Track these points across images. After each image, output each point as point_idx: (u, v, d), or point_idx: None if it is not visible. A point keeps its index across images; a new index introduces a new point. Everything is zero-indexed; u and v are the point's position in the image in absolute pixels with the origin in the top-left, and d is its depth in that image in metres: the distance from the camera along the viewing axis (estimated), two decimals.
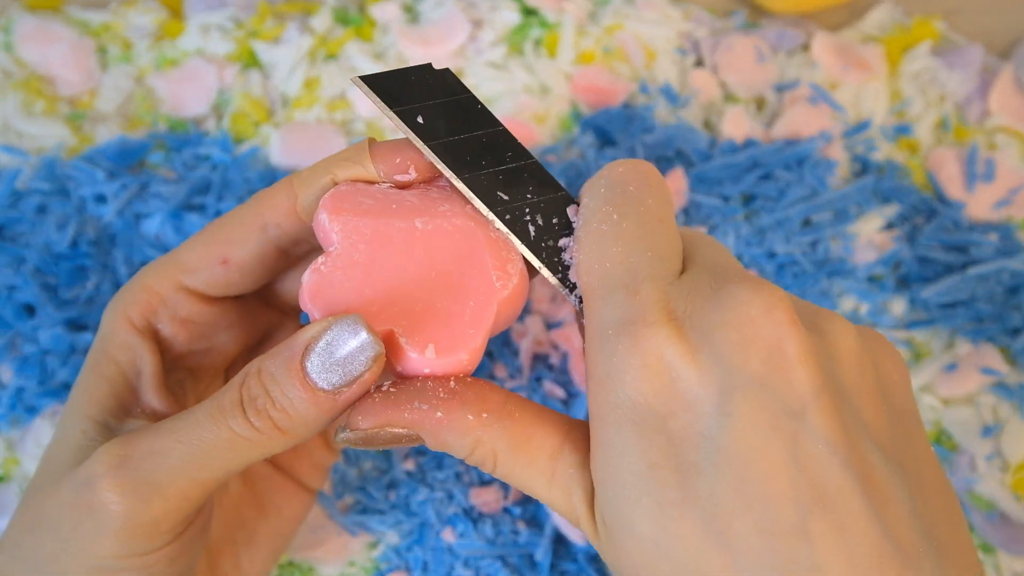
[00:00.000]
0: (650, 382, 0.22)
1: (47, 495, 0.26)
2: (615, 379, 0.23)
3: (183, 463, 0.24)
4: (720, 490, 0.21)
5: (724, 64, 0.48)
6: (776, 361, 0.22)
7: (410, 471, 0.40)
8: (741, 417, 0.22)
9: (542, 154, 0.46)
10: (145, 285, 0.28)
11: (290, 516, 0.32)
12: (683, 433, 0.22)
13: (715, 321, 0.23)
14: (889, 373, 0.25)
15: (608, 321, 0.24)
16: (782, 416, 0.22)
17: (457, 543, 0.38)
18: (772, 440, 0.21)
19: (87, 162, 0.43)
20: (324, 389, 0.24)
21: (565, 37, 0.48)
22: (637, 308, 0.23)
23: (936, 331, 0.44)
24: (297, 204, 0.27)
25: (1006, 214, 0.46)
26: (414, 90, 0.27)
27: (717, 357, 0.22)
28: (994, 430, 0.42)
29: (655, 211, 0.25)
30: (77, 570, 0.25)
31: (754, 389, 0.22)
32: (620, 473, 0.23)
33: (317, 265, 0.25)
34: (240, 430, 0.24)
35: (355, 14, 0.48)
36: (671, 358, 0.22)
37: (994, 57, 0.49)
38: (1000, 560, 0.40)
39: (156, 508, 0.24)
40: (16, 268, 0.41)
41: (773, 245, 0.43)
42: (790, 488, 0.21)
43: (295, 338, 0.24)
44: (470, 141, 0.26)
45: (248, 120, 0.46)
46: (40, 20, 0.46)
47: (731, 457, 0.21)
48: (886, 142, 0.47)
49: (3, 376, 0.40)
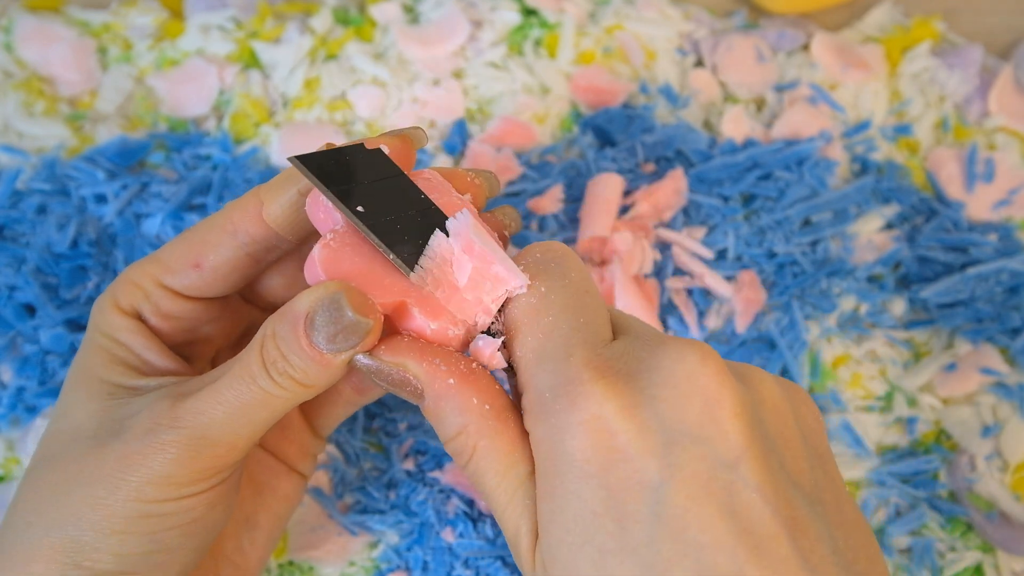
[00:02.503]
0: (588, 438, 0.23)
1: (79, 457, 0.27)
2: (555, 439, 0.24)
3: (228, 420, 0.26)
4: (659, 539, 0.22)
5: (724, 64, 0.48)
6: (712, 414, 0.23)
7: (410, 471, 0.40)
8: (681, 469, 0.23)
9: (542, 154, 0.46)
10: (129, 279, 0.30)
11: (285, 497, 0.34)
12: (623, 485, 0.23)
13: (652, 378, 0.24)
14: (806, 419, 0.26)
15: (544, 387, 0.25)
16: (719, 468, 0.23)
17: (457, 543, 0.38)
18: (709, 491, 0.23)
19: (87, 162, 0.43)
20: (331, 353, 0.25)
21: (565, 37, 0.48)
22: (572, 371, 0.24)
23: (936, 331, 0.44)
24: (264, 211, 0.29)
25: (1006, 214, 0.46)
26: (350, 169, 0.27)
27: (655, 411, 0.23)
28: (994, 430, 0.42)
29: (579, 283, 0.26)
30: (117, 518, 0.26)
31: (692, 442, 0.23)
32: (563, 520, 0.24)
33: (327, 240, 0.26)
34: (270, 389, 0.26)
35: (355, 14, 0.48)
36: (608, 414, 0.23)
37: (994, 57, 0.49)
38: (1000, 560, 0.40)
39: (207, 457, 0.27)
40: (17, 268, 0.41)
41: (773, 245, 0.44)
42: (726, 536, 0.22)
43: (295, 304, 0.25)
44: (405, 220, 0.27)
45: (248, 120, 0.46)
46: (40, 20, 0.46)
47: (671, 507, 0.22)
48: (886, 142, 0.47)
49: (3, 376, 0.40)
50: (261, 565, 0.33)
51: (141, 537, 0.27)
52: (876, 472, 0.41)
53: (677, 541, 0.22)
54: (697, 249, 0.43)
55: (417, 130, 0.29)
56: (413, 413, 0.41)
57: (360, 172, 0.27)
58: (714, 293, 0.43)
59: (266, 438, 0.34)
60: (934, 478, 0.42)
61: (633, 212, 0.43)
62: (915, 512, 0.40)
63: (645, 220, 0.43)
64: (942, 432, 0.42)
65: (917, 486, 0.41)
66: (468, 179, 0.30)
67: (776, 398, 0.25)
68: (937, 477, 0.42)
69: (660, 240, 0.44)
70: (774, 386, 0.25)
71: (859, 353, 0.43)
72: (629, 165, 0.45)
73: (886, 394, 0.43)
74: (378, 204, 0.27)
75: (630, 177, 0.45)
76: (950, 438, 0.42)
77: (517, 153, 0.46)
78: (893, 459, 0.42)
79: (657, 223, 0.44)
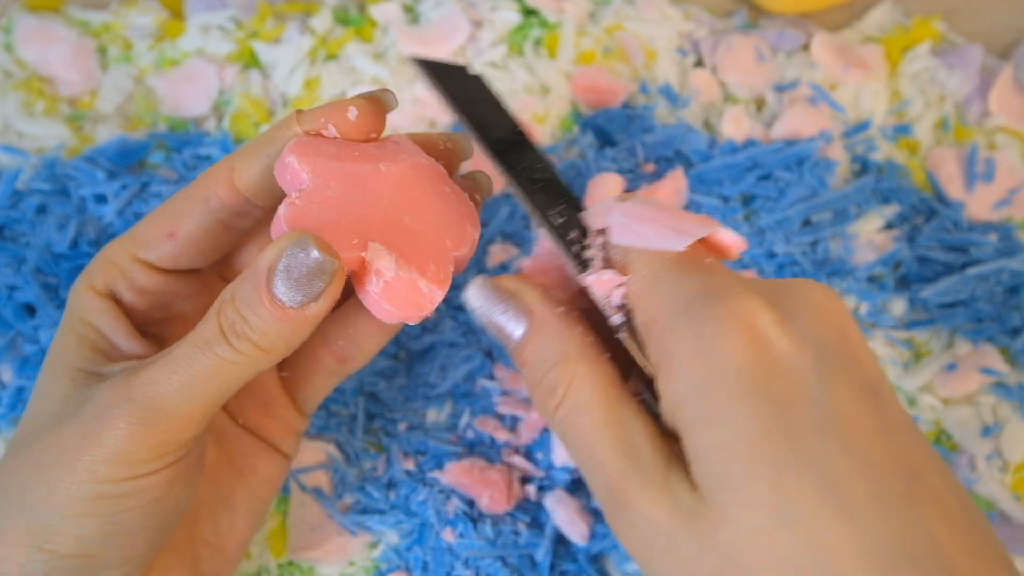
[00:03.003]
0: (748, 348, 0.23)
1: (41, 441, 0.27)
2: (710, 349, 0.23)
3: (181, 390, 0.26)
4: (831, 453, 0.22)
5: (724, 64, 0.48)
6: (848, 341, 0.24)
7: (410, 471, 0.40)
8: (838, 384, 0.23)
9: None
10: (104, 258, 0.30)
11: (266, 478, 0.33)
12: (788, 398, 0.22)
13: (792, 301, 0.24)
14: None
15: (691, 294, 0.24)
16: (867, 389, 0.23)
17: (457, 543, 0.38)
18: (865, 409, 0.23)
19: (87, 162, 0.43)
20: (292, 307, 0.25)
21: (565, 37, 0.48)
22: (721, 281, 0.24)
23: (936, 331, 0.44)
24: (235, 176, 0.29)
25: (1006, 214, 0.46)
26: (459, 85, 0.29)
27: (804, 329, 0.23)
28: (994, 430, 0.42)
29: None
30: (75, 499, 0.26)
31: (840, 361, 0.23)
32: (730, 442, 0.22)
33: (292, 199, 0.26)
34: (226, 355, 0.25)
35: (355, 14, 0.48)
36: (765, 324, 0.23)
37: (994, 57, 0.49)
38: None
39: (161, 431, 0.26)
40: (17, 268, 0.41)
41: (773, 245, 0.44)
42: (889, 455, 0.22)
43: (258, 261, 0.25)
44: (504, 142, 0.28)
45: (248, 120, 0.46)
46: (40, 20, 0.46)
47: (838, 421, 0.22)
48: (886, 142, 0.47)
49: (3, 376, 0.40)
50: (241, 548, 0.32)
51: (100, 519, 0.26)
52: None
53: (850, 453, 0.22)
54: None
55: (386, 92, 0.29)
56: (413, 413, 0.41)
57: (468, 91, 0.29)
58: None
59: (247, 416, 0.33)
60: None
61: None
62: None
63: None
64: (942, 432, 0.42)
65: None
66: (440, 144, 0.30)
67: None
68: None
69: None
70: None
71: None
72: (629, 165, 0.45)
73: None
74: (478, 115, 0.28)
75: (630, 177, 0.45)
76: (950, 438, 0.42)
77: None
78: None
79: None
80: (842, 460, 0.22)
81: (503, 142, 0.28)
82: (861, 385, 0.23)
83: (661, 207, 0.26)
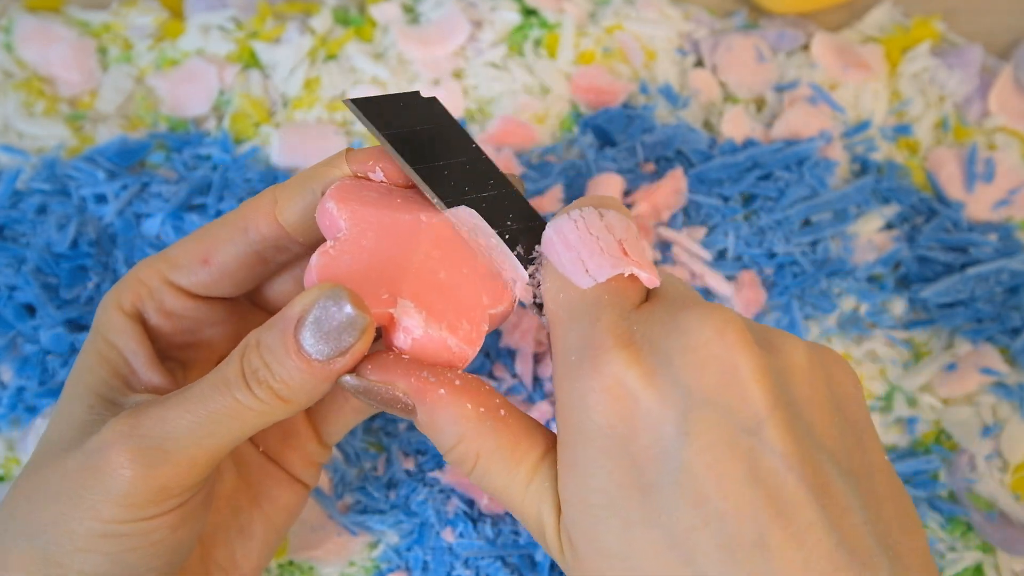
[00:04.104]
0: (611, 405, 0.23)
1: (50, 467, 0.26)
2: (579, 404, 0.24)
3: (191, 431, 0.25)
4: (681, 507, 0.22)
5: (724, 64, 0.48)
6: (731, 380, 0.23)
7: (410, 471, 0.40)
8: (699, 436, 0.22)
9: (542, 154, 0.46)
10: (135, 277, 0.30)
11: (284, 507, 0.33)
12: (645, 453, 0.23)
13: (672, 345, 0.24)
14: (841, 384, 0.26)
15: (571, 348, 0.25)
16: (739, 433, 0.23)
17: (457, 543, 0.38)
18: (730, 457, 0.22)
19: (87, 162, 0.43)
20: (319, 360, 0.24)
21: (565, 37, 0.48)
22: (598, 335, 0.24)
23: (936, 331, 0.44)
24: (277, 210, 0.28)
25: (1006, 214, 0.46)
26: (403, 115, 0.28)
27: (675, 379, 0.23)
28: (994, 430, 0.42)
29: None
30: (78, 535, 0.25)
31: (711, 408, 0.23)
32: (587, 493, 0.24)
33: (326, 248, 0.26)
34: (244, 400, 0.25)
35: (355, 14, 0.48)
36: (630, 381, 0.23)
37: (994, 57, 0.49)
38: (1000, 560, 0.40)
39: (165, 474, 0.25)
40: (17, 268, 0.41)
41: (773, 245, 0.44)
42: (748, 503, 0.22)
43: (287, 310, 0.25)
44: (453, 167, 0.27)
45: (248, 120, 0.46)
46: (40, 20, 0.46)
47: (691, 475, 0.22)
48: (886, 142, 0.47)
49: (3, 376, 0.40)
50: (256, 574, 0.32)
51: (103, 556, 0.26)
52: None
53: (699, 508, 0.22)
54: (696, 250, 0.43)
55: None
56: None
57: (414, 118, 0.28)
58: (714, 293, 0.43)
59: (269, 445, 0.33)
60: (934, 478, 0.42)
61: (633, 212, 0.43)
62: None
63: (645, 220, 0.43)
64: (942, 432, 0.42)
65: (917, 486, 0.41)
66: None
67: (806, 363, 0.24)
68: (937, 477, 0.42)
69: (660, 240, 0.44)
70: (805, 352, 0.25)
71: (859, 353, 0.43)
72: (629, 165, 0.45)
73: (886, 394, 0.43)
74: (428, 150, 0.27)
75: (630, 177, 0.45)
76: (950, 438, 0.42)
77: (517, 153, 0.46)
78: (893, 459, 0.42)
79: (657, 223, 0.44)
80: (691, 513, 0.22)
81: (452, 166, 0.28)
82: (735, 429, 0.23)
83: (589, 232, 0.26)
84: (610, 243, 0.26)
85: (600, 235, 0.26)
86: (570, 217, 0.27)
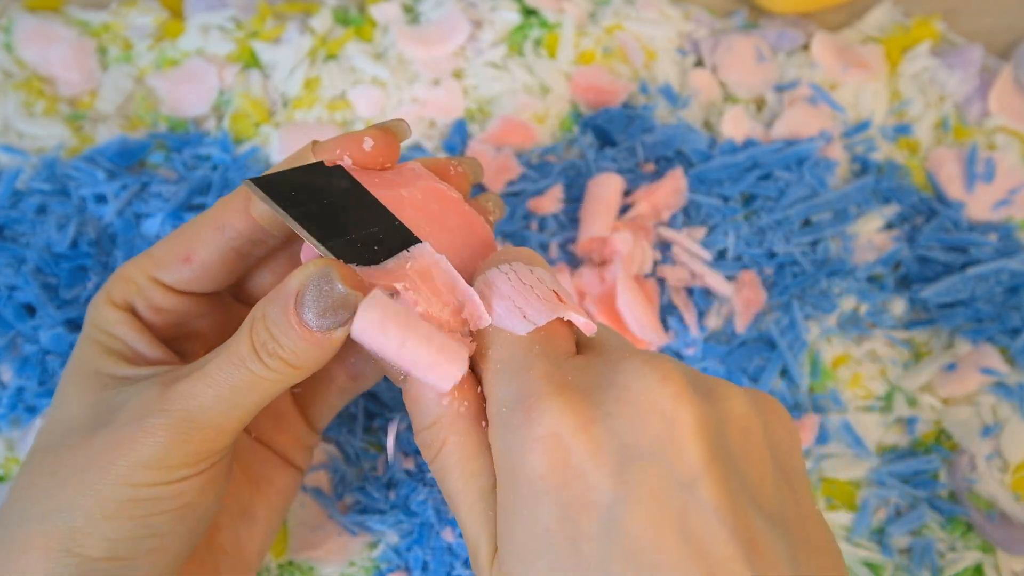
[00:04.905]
0: (544, 455, 0.23)
1: (73, 445, 0.27)
2: (513, 454, 0.24)
3: (218, 403, 0.26)
4: (612, 558, 0.22)
5: (724, 64, 0.48)
6: (669, 434, 0.23)
7: (410, 471, 0.40)
8: (635, 488, 0.22)
9: (542, 154, 0.46)
10: (122, 276, 0.30)
11: (282, 490, 0.34)
12: (577, 503, 0.23)
13: (609, 395, 0.24)
14: (778, 435, 0.26)
15: (504, 399, 0.25)
16: (674, 488, 0.23)
17: (457, 543, 0.38)
18: (664, 511, 0.22)
19: (87, 162, 0.43)
20: (320, 331, 0.25)
21: (565, 37, 0.48)
22: (531, 385, 0.24)
23: (936, 331, 0.44)
24: (251, 206, 0.29)
25: (1006, 214, 0.46)
26: (309, 189, 0.27)
27: (611, 429, 0.23)
28: (994, 430, 0.42)
29: None
30: (107, 501, 0.26)
31: (648, 461, 0.23)
32: (519, 536, 0.24)
33: None
34: (259, 372, 0.26)
35: (355, 14, 0.48)
36: (563, 431, 0.23)
37: (994, 57, 0.49)
38: (1000, 560, 0.40)
39: (196, 440, 0.26)
40: (16, 268, 0.41)
41: (773, 245, 0.44)
42: (680, 558, 0.22)
43: (286, 284, 0.25)
44: (368, 238, 0.27)
45: (248, 120, 0.46)
46: (40, 20, 0.46)
47: (623, 527, 0.22)
48: (886, 142, 0.47)
49: (3, 376, 0.40)
50: (260, 557, 0.33)
51: (132, 522, 0.27)
52: (876, 472, 0.41)
53: (630, 561, 0.22)
54: (696, 250, 0.43)
55: (400, 122, 0.30)
56: None
57: (321, 191, 0.27)
58: (714, 293, 0.43)
59: (261, 430, 0.34)
60: (934, 478, 0.42)
61: (633, 212, 0.43)
62: (915, 512, 0.40)
63: (645, 220, 0.43)
64: (942, 432, 0.42)
65: (917, 486, 0.41)
66: (451, 169, 0.31)
67: (744, 414, 0.25)
68: (937, 477, 0.42)
69: (660, 240, 0.44)
70: (743, 402, 0.25)
71: (859, 353, 0.43)
72: (629, 165, 0.45)
73: (886, 394, 0.43)
74: (338, 223, 0.26)
75: (630, 177, 0.45)
76: (950, 438, 0.42)
77: (517, 153, 0.46)
78: (893, 459, 0.42)
79: (657, 223, 0.44)
80: (623, 565, 0.22)
81: (366, 237, 0.27)
82: (671, 483, 0.23)
83: (522, 282, 0.26)
84: (545, 291, 0.26)
85: (534, 284, 0.26)
86: (500, 271, 0.27)
